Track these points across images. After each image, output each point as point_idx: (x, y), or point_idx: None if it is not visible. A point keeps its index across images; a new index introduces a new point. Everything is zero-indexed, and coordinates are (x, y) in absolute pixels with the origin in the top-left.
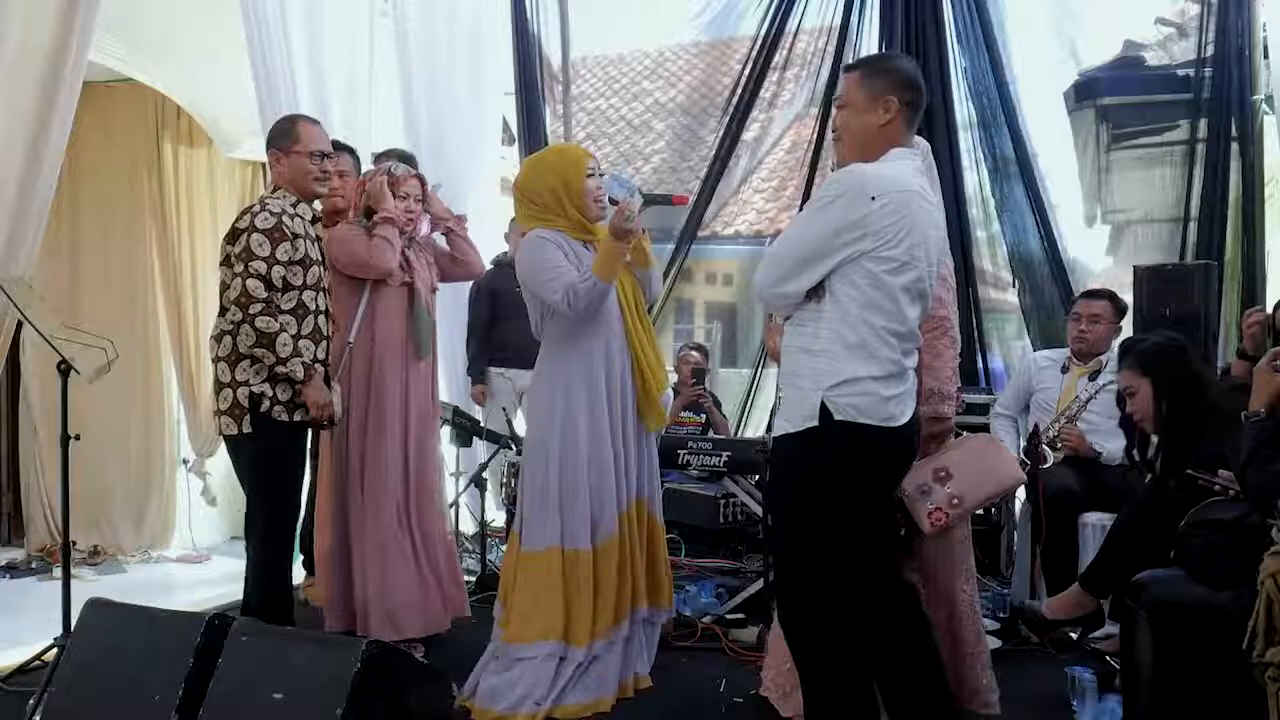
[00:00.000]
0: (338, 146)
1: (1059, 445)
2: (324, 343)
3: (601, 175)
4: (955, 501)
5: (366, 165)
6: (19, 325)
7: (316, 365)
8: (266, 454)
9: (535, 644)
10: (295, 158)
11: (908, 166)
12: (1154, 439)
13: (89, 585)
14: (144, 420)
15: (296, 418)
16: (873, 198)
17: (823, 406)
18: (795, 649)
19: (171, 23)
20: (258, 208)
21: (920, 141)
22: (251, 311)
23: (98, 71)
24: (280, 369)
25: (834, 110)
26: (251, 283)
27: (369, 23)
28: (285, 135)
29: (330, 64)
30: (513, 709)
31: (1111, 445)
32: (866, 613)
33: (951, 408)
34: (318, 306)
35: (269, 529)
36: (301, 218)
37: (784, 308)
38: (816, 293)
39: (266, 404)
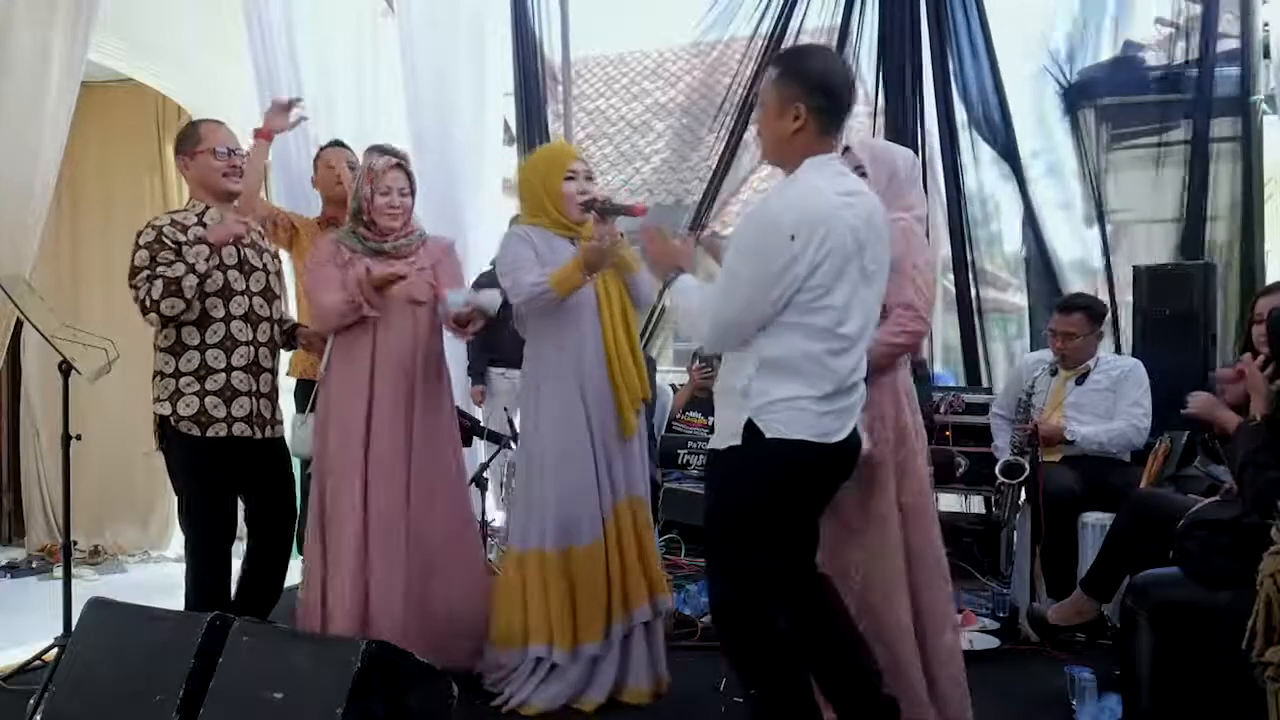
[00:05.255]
0: (336, 144)
1: (1025, 449)
2: (243, 348)
3: (588, 179)
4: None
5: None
6: (19, 325)
7: (235, 373)
8: (179, 468)
9: (524, 649)
10: (201, 158)
11: (821, 179)
12: None
13: (89, 585)
14: (144, 420)
15: (210, 433)
16: (791, 237)
17: (752, 425)
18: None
19: (171, 23)
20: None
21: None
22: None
23: (98, 71)
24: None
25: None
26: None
27: (371, 23)
28: (188, 138)
29: (332, 65)
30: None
31: (1085, 430)
32: (796, 616)
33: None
34: (228, 313)
35: (189, 542)
36: (207, 225)
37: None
38: None
39: (172, 421)
